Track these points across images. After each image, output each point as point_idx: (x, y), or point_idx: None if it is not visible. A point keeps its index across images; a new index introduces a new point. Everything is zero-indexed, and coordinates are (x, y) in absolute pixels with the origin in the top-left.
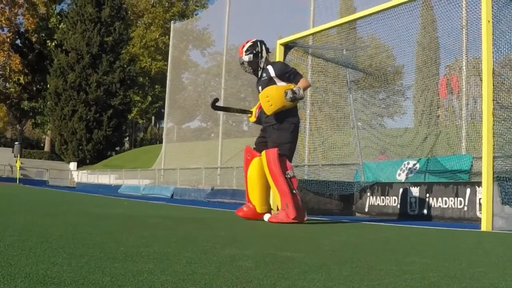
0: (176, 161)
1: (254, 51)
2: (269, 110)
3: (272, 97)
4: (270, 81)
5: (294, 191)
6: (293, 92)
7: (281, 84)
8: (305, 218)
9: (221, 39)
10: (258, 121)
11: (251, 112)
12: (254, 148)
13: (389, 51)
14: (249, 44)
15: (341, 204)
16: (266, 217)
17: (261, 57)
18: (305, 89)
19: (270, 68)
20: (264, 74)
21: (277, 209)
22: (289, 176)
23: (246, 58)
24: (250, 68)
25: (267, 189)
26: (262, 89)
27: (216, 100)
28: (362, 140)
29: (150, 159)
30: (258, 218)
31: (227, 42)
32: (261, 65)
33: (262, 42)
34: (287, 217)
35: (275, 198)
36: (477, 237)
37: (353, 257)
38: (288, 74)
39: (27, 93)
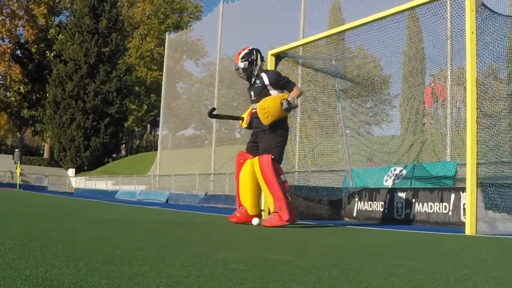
0: (171, 167)
1: (249, 59)
2: (267, 121)
3: (269, 109)
4: (264, 89)
5: (287, 195)
6: (288, 102)
7: (273, 92)
8: (296, 222)
9: (214, 49)
10: (249, 126)
11: (242, 119)
12: (246, 151)
13: (376, 61)
14: (245, 51)
15: (330, 209)
16: (255, 221)
17: (256, 65)
18: (297, 97)
19: (264, 76)
20: (258, 81)
21: (269, 213)
22: (281, 181)
23: (241, 64)
24: (244, 74)
25: (258, 191)
26: (255, 95)
27: (213, 109)
28: (351, 147)
29: (145, 165)
30: (249, 221)
31: (220, 53)
32: (255, 73)
33: (257, 51)
34: (280, 220)
35: (268, 202)
36: (461, 241)
37: (342, 260)
38: (282, 82)
39: (27, 102)
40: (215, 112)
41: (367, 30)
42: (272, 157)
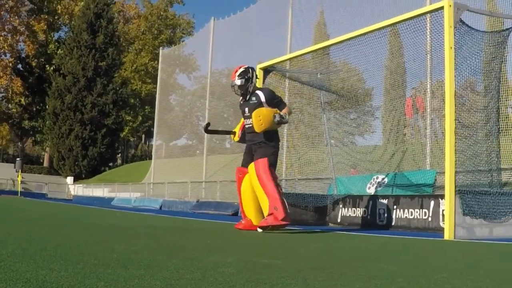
0: (164, 175)
1: (246, 77)
2: (259, 128)
3: (263, 117)
4: (259, 105)
5: (282, 196)
6: (281, 116)
7: (268, 108)
8: (289, 222)
9: (206, 64)
10: (241, 140)
11: (234, 133)
12: (242, 166)
13: (359, 74)
14: (242, 69)
15: (315, 215)
16: (260, 229)
17: (251, 82)
18: (288, 114)
19: (260, 94)
20: (254, 98)
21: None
22: (276, 183)
23: (238, 82)
24: (240, 91)
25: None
26: (249, 111)
27: (208, 124)
28: (335, 156)
29: (140, 173)
30: (254, 230)
31: (211, 67)
32: (250, 89)
33: (253, 69)
34: (275, 219)
35: (263, 205)
36: (440, 246)
37: (327, 263)
38: (276, 101)
39: (28, 113)
40: (210, 128)
41: (351, 45)
42: (269, 161)
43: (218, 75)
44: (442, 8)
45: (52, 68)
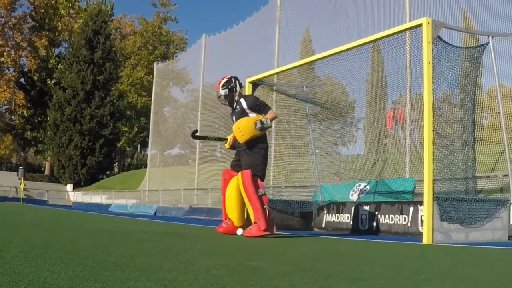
0: (159, 183)
1: (229, 86)
2: (241, 139)
3: (243, 128)
4: (243, 113)
5: (264, 207)
6: (262, 122)
7: (252, 115)
8: (274, 231)
9: (198, 77)
10: (232, 147)
11: (226, 140)
12: (230, 169)
13: (343, 88)
14: (224, 80)
15: (301, 221)
16: (239, 231)
17: (235, 91)
18: (272, 119)
19: (243, 101)
20: (238, 106)
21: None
22: (260, 194)
23: (222, 92)
24: (225, 100)
25: (243, 205)
26: (236, 119)
27: (196, 131)
28: (320, 165)
29: (136, 181)
30: (235, 232)
31: (202, 80)
32: (235, 98)
33: (236, 78)
34: (258, 230)
35: (250, 213)
36: (419, 249)
37: (312, 266)
38: (258, 106)
39: (30, 124)
40: (197, 134)
41: (335, 60)
42: (253, 173)
43: (210, 88)
44: (420, 25)
45: (52, 81)
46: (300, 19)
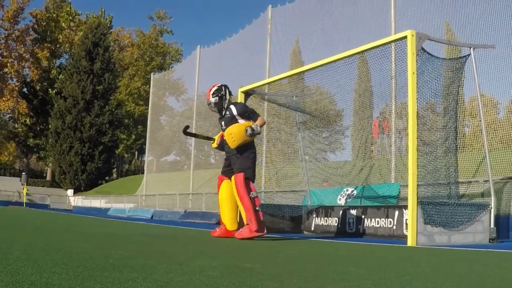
0: (155, 188)
1: (219, 94)
2: (233, 145)
3: (235, 134)
4: (233, 119)
5: (257, 209)
6: (252, 129)
7: (241, 121)
8: (264, 232)
9: (192, 87)
10: (220, 147)
11: (213, 139)
12: (221, 174)
13: (331, 97)
14: (215, 88)
15: (291, 224)
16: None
17: (225, 99)
18: (261, 125)
19: (233, 108)
20: (228, 113)
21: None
22: (252, 196)
23: (212, 100)
24: (215, 107)
25: (236, 209)
26: (225, 124)
27: (187, 127)
28: (309, 171)
29: (134, 186)
30: (229, 236)
31: (197, 90)
32: (225, 105)
33: (226, 86)
34: (250, 231)
35: (242, 215)
36: (404, 251)
37: (302, 267)
38: (248, 113)
39: (32, 132)
40: (188, 130)
41: (323, 70)
42: (245, 176)
43: (204, 97)
44: (405, 37)
45: (54, 91)
46: (290, 32)
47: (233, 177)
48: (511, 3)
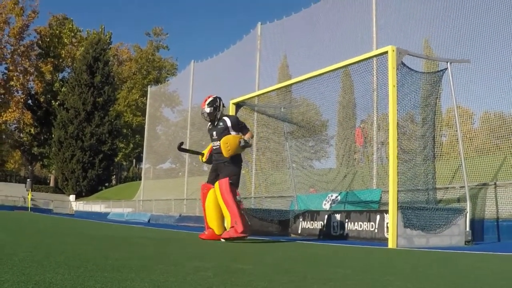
0: (152, 194)
1: (214, 105)
2: (227, 153)
3: (230, 144)
4: (226, 130)
5: (242, 212)
6: (245, 141)
7: (233, 133)
8: (248, 234)
9: (187, 99)
10: (208, 161)
11: (202, 154)
12: (207, 182)
13: (316, 108)
14: (210, 99)
15: (280, 227)
16: (223, 239)
17: (219, 110)
18: (251, 138)
19: (227, 120)
20: (221, 123)
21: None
22: (237, 200)
23: (207, 110)
24: (209, 117)
25: (222, 215)
26: (217, 134)
27: (182, 143)
28: (296, 177)
29: (132, 192)
30: (216, 239)
31: (191, 102)
32: (218, 116)
33: (220, 99)
34: (235, 232)
35: (226, 218)
36: (385, 253)
37: (289, 268)
38: (240, 126)
39: (37, 141)
40: (183, 146)
41: (309, 83)
42: (230, 181)
43: (197, 109)
44: (386, 52)
45: (57, 103)
46: (278, 47)
47: (217, 182)
48: (485, 21)
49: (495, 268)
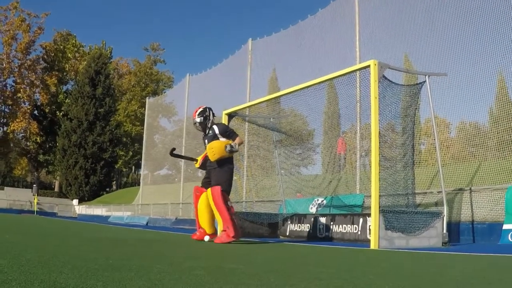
0: (150, 198)
1: (204, 115)
2: (213, 158)
3: (215, 149)
4: (215, 137)
5: (233, 217)
6: (231, 146)
7: (222, 139)
8: (239, 238)
9: (182, 110)
10: (202, 167)
11: (196, 160)
12: (201, 186)
13: (304, 119)
14: (200, 109)
15: (269, 230)
16: (206, 238)
17: (209, 119)
18: (239, 144)
19: (215, 127)
20: (211, 132)
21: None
22: (228, 206)
23: (198, 119)
24: (200, 126)
25: (212, 216)
26: (208, 142)
27: (174, 149)
28: (284, 183)
29: (131, 196)
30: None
31: (187, 112)
32: (208, 125)
33: (210, 109)
34: (227, 237)
35: (218, 223)
36: (367, 254)
37: (278, 268)
38: (228, 133)
39: (42, 149)
40: (175, 152)
41: (297, 95)
42: (221, 188)
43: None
44: (368, 66)
45: (61, 113)
46: (268, 61)
47: (209, 189)
48: (460, 38)
49: (469, 268)
